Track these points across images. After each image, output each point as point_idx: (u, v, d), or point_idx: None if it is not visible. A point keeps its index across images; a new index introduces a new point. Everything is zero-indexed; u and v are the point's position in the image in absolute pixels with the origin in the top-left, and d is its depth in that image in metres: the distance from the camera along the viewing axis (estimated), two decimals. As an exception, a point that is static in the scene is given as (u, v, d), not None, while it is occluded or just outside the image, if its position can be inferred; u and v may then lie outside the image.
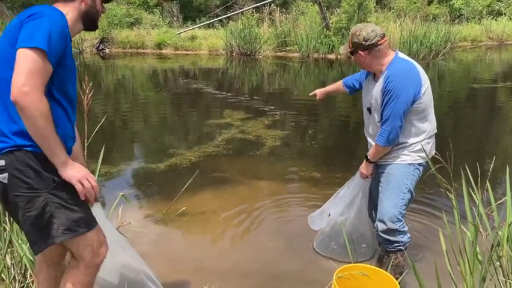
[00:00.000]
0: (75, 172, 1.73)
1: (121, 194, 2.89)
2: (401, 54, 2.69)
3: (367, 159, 2.82)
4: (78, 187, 1.74)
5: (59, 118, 1.76)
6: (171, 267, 3.02)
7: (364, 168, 2.85)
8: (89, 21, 1.99)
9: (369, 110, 2.79)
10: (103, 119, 3.42)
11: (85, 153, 2.55)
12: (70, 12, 1.87)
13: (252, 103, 8.48)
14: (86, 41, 15.75)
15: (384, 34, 2.65)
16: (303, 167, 4.90)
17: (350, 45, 2.69)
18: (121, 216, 3.21)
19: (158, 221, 3.73)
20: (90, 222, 1.84)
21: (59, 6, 1.85)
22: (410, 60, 2.67)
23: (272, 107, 8.00)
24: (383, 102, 2.60)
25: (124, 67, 13.40)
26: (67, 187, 1.74)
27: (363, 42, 2.61)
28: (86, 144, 2.75)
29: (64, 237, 1.73)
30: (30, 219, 1.69)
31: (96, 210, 1.95)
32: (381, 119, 2.64)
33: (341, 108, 8.33)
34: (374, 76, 2.75)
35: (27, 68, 1.57)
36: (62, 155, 1.70)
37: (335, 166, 4.94)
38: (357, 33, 2.63)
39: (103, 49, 15.94)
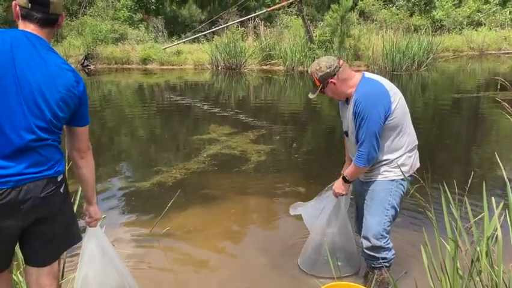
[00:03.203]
0: None
1: (103, 216, 2.86)
2: (368, 74, 2.73)
3: (344, 179, 2.83)
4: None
5: None
6: (156, 288, 2.99)
7: (339, 187, 2.86)
8: None
9: (346, 133, 2.83)
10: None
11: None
12: None
13: (238, 117, 8.50)
14: (70, 57, 15.68)
15: (338, 57, 2.75)
16: (288, 182, 4.92)
17: (318, 83, 2.69)
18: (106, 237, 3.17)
19: (143, 241, 3.70)
20: None
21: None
22: (377, 79, 2.70)
23: (258, 121, 8.03)
24: (356, 125, 2.64)
25: (109, 83, 13.37)
26: None
27: (328, 70, 2.65)
28: (67, 166, 2.72)
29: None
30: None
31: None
32: (356, 140, 2.68)
33: (326, 121, 8.39)
34: (346, 99, 2.79)
35: None
36: None
37: (320, 180, 4.92)
38: (318, 68, 2.68)
39: (87, 65, 15.89)
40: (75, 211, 2.61)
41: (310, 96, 2.77)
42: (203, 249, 3.58)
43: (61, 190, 2.02)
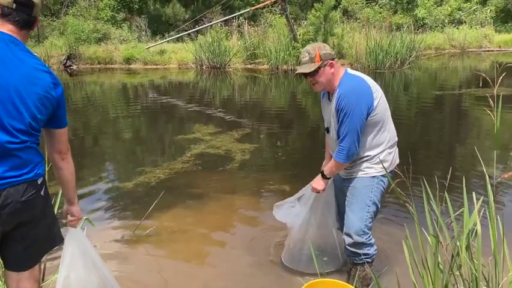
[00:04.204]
0: None
1: (85, 217, 2.83)
2: (350, 70, 2.74)
3: (323, 175, 2.83)
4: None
5: None
6: (139, 289, 2.97)
7: (317, 183, 2.85)
8: None
9: (327, 129, 2.83)
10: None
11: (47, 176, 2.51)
12: None
13: (223, 116, 8.48)
14: (52, 58, 15.49)
15: None
16: (273, 181, 4.92)
17: (319, 59, 2.62)
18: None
19: (126, 242, 3.66)
20: None
21: None
22: (360, 75, 2.72)
23: (242, 120, 8.03)
24: (338, 120, 2.64)
25: (92, 83, 13.23)
26: None
27: (331, 52, 2.66)
28: (47, 168, 2.69)
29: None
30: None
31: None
32: (338, 135, 2.68)
33: (310, 120, 8.42)
34: (328, 95, 2.79)
35: None
36: None
37: (304, 178, 4.91)
38: (322, 46, 2.67)
39: (70, 65, 15.70)
40: (56, 213, 2.58)
41: (304, 70, 2.64)
42: (187, 250, 3.56)
43: (42, 193, 2.00)
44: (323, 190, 2.87)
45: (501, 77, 2.22)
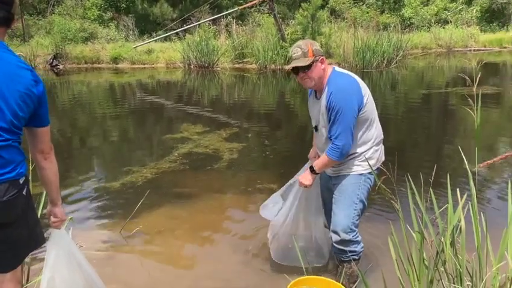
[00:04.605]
0: None
1: (70, 218, 2.80)
2: (338, 68, 2.75)
3: (312, 170, 2.81)
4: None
5: None
6: (125, 289, 2.95)
7: (305, 178, 2.83)
8: None
9: (315, 127, 2.83)
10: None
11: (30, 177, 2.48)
12: None
13: (211, 116, 8.47)
14: (38, 57, 15.33)
15: None
16: (260, 180, 4.92)
17: (311, 54, 2.61)
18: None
19: (112, 242, 3.63)
20: None
21: None
22: (347, 72, 2.73)
23: (231, 119, 8.02)
24: (330, 119, 2.63)
25: (79, 83, 13.11)
26: None
27: (321, 49, 2.67)
28: (31, 167, 2.66)
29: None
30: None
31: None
32: (330, 134, 2.66)
33: (299, 119, 8.43)
34: (315, 94, 2.80)
35: None
36: None
37: (291, 176, 4.97)
38: (312, 43, 2.68)
39: (56, 65, 15.55)
40: (40, 214, 2.55)
41: (300, 64, 2.60)
42: (174, 249, 3.55)
43: (24, 193, 1.98)
44: (311, 185, 2.86)
45: (478, 77, 2.24)
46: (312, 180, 2.83)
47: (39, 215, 2.55)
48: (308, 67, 2.61)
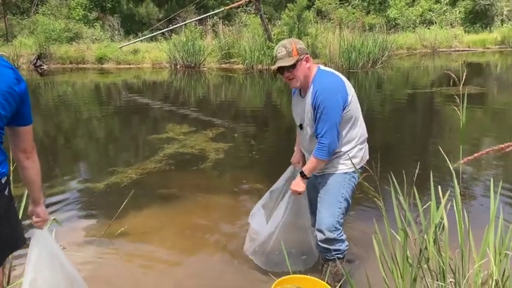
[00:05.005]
0: None
1: (53, 218, 2.77)
2: (323, 67, 2.75)
3: (303, 176, 2.79)
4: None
5: None
6: (110, 291, 2.92)
7: (298, 185, 2.80)
8: None
9: (300, 126, 2.82)
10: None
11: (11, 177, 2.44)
12: None
13: (197, 116, 8.43)
14: (22, 57, 15.13)
15: None
16: (246, 180, 4.91)
17: (296, 53, 2.60)
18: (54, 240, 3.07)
19: (96, 243, 3.59)
20: None
21: None
22: (332, 71, 2.74)
23: (217, 120, 7.99)
24: (316, 117, 2.63)
25: (64, 83, 12.97)
26: None
27: (305, 47, 2.67)
28: (12, 167, 2.61)
29: None
30: None
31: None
32: (317, 133, 2.66)
33: (285, 119, 8.43)
34: (300, 92, 2.80)
35: None
36: None
37: (277, 176, 4.97)
38: (296, 41, 2.67)
39: (40, 65, 15.35)
40: (22, 214, 2.52)
41: (285, 63, 2.60)
42: (159, 249, 3.52)
43: (6, 193, 1.95)
44: (304, 191, 2.83)
45: (463, 76, 2.27)
46: (305, 187, 2.82)
47: (21, 216, 2.52)
48: (293, 66, 2.61)
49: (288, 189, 2.93)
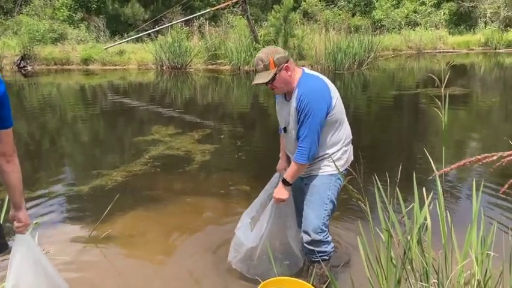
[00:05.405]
0: None
1: (35, 222, 2.73)
2: (307, 70, 2.75)
3: (285, 183, 2.78)
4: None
5: None
6: (94, 295, 2.89)
7: (281, 193, 2.79)
8: None
9: (284, 129, 2.83)
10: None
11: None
12: None
13: (183, 117, 8.40)
14: (5, 58, 14.93)
15: None
16: (232, 181, 4.91)
17: (273, 66, 2.60)
18: (37, 244, 3.03)
19: (81, 247, 3.55)
20: None
21: None
22: (317, 74, 2.74)
23: (203, 121, 7.97)
24: (299, 121, 2.64)
25: (49, 85, 12.82)
26: None
27: (284, 54, 2.63)
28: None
29: None
30: None
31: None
32: (298, 136, 2.67)
33: (271, 120, 8.44)
34: (285, 95, 2.80)
35: None
36: None
37: (264, 178, 4.94)
38: (274, 51, 2.64)
39: (24, 66, 15.15)
40: (3, 219, 2.48)
41: (260, 80, 2.63)
42: (144, 252, 3.50)
43: None
44: (287, 198, 2.83)
45: (447, 78, 2.29)
46: (288, 194, 2.82)
47: (2, 221, 2.48)
48: (272, 79, 2.62)
49: (272, 197, 2.90)
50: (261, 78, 2.63)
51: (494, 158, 1.35)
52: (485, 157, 1.35)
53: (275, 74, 2.60)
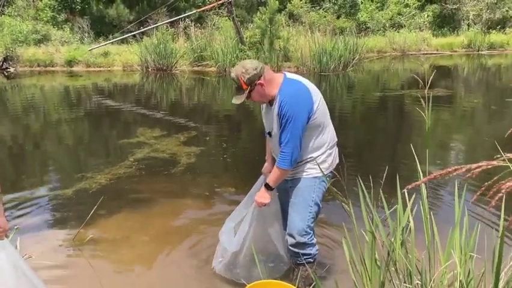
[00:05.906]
0: None
1: (16, 227, 2.69)
2: (289, 75, 2.75)
3: (267, 187, 2.78)
4: None
5: None
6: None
7: (263, 197, 2.79)
8: None
9: (269, 133, 2.84)
10: None
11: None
12: None
13: (168, 119, 8.36)
14: (-13, 60, 14.70)
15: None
16: (218, 184, 4.89)
17: (245, 86, 2.61)
18: (19, 249, 2.99)
19: (64, 252, 3.51)
20: None
21: None
22: (298, 78, 2.73)
23: (189, 123, 7.94)
24: (280, 126, 2.64)
25: (32, 86, 12.65)
26: None
27: (255, 72, 2.60)
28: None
29: None
30: None
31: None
32: (280, 141, 2.67)
33: (257, 122, 8.44)
34: (269, 101, 2.80)
35: None
36: None
37: (250, 180, 4.93)
38: (244, 71, 2.61)
39: (7, 68, 14.93)
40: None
41: (237, 101, 2.67)
42: (129, 256, 3.46)
43: None
44: (269, 202, 2.82)
45: (430, 79, 2.32)
46: (270, 198, 2.81)
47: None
48: (248, 97, 2.66)
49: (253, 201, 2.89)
50: (237, 99, 2.68)
51: (463, 170, 1.38)
52: (455, 169, 1.39)
53: (250, 92, 2.64)
